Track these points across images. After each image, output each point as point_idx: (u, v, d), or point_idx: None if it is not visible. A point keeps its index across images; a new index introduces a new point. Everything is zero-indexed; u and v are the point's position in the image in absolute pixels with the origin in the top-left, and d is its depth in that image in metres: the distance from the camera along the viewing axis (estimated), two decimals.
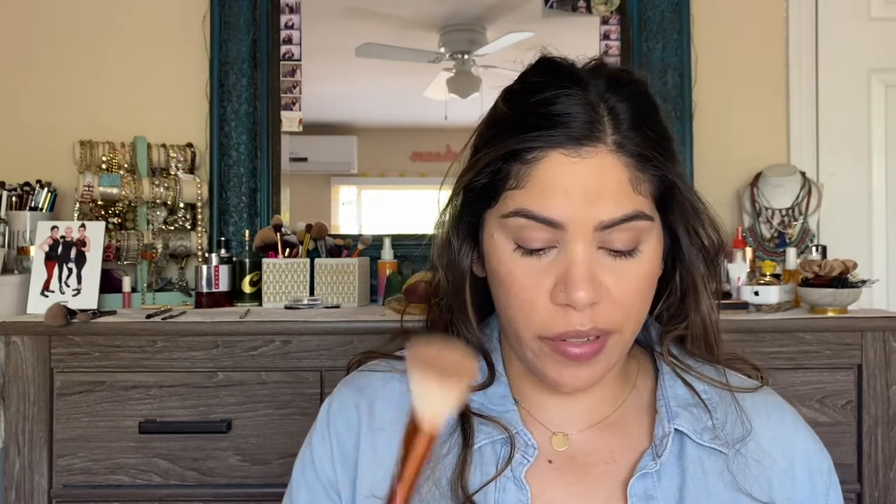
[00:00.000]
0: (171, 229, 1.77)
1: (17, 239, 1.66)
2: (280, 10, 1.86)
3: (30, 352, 1.33)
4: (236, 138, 1.82)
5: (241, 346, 1.34)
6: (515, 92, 0.68)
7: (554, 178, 0.62)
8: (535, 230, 0.63)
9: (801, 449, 0.72)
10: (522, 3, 1.89)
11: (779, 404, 0.75)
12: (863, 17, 1.92)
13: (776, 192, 1.79)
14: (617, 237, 0.63)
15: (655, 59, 1.85)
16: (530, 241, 0.64)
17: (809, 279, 1.42)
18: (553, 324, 0.63)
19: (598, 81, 0.65)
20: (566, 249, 0.63)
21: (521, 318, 0.65)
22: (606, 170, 0.62)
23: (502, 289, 0.66)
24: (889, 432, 1.34)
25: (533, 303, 0.64)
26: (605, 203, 0.62)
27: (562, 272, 0.62)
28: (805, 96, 1.90)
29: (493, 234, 0.67)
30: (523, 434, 0.69)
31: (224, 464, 1.33)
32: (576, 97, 0.64)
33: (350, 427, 0.72)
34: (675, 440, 0.69)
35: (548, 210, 0.62)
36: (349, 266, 1.62)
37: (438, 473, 0.67)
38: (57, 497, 1.33)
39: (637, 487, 0.67)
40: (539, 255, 0.64)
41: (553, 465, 0.69)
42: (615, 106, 0.64)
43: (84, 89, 1.85)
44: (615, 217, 0.62)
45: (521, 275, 0.64)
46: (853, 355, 1.34)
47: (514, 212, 0.64)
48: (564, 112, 0.63)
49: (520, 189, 0.64)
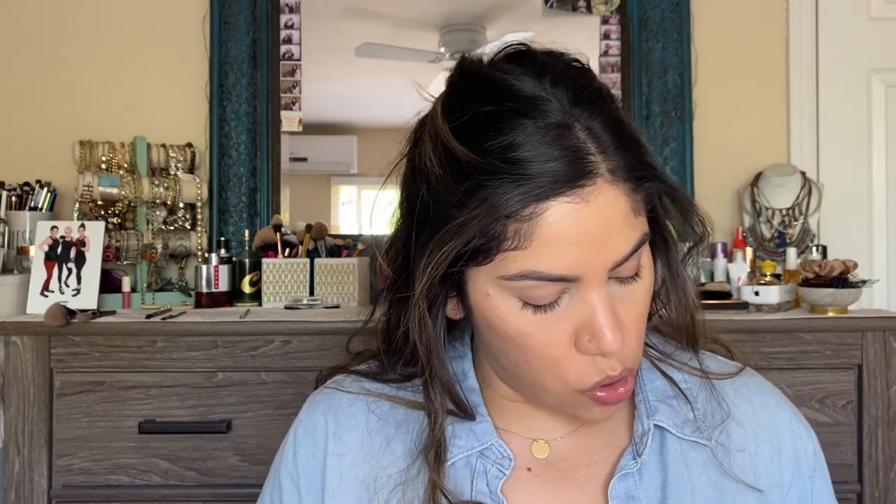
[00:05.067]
0: (170, 229, 1.77)
1: (17, 239, 1.66)
2: (280, 10, 1.86)
3: (29, 352, 1.33)
4: (236, 138, 1.82)
5: (240, 346, 1.33)
6: (469, 127, 0.58)
7: (561, 233, 0.56)
8: (544, 288, 0.58)
9: (787, 433, 0.71)
10: (522, 3, 1.89)
11: (761, 387, 0.74)
12: (863, 17, 1.91)
13: (776, 192, 1.78)
14: (624, 268, 0.60)
15: (655, 59, 1.85)
16: (541, 298, 0.58)
17: (810, 279, 1.42)
18: (586, 375, 0.60)
19: (557, 93, 0.58)
20: (583, 298, 0.58)
21: (548, 375, 0.61)
22: (610, 207, 0.57)
23: (512, 346, 0.61)
24: (889, 432, 1.34)
25: (558, 359, 0.60)
26: (616, 243, 0.58)
27: (583, 320, 0.59)
28: (805, 96, 1.90)
29: (487, 292, 0.60)
30: (498, 446, 0.67)
31: (224, 464, 1.33)
32: (552, 130, 0.56)
33: (316, 451, 0.70)
34: (656, 436, 0.68)
35: (560, 268, 0.57)
36: (349, 266, 1.62)
37: (409, 495, 0.65)
38: (57, 497, 1.33)
39: (618, 489, 0.65)
40: (548, 309, 0.59)
41: (532, 472, 0.68)
42: (591, 125, 0.58)
43: (84, 89, 1.85)
44: (626, 253, 0.58)
45: (535, 331, 0.59)
46: (853, 355, 1.34)
47: (519, 275, 0.57)
48: (550, 154, 0.56)
49: (523, 249, 0.56)
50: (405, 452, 0.68)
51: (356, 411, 0.71)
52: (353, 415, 0.71)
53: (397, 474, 0.67)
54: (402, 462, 0.68)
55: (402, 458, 0.68)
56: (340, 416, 0.71)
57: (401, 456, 0.68)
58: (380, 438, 0.70)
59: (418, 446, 0.67)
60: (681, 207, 0.65)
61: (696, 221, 0.66)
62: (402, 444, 0.69)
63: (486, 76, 0.61)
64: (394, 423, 0.70)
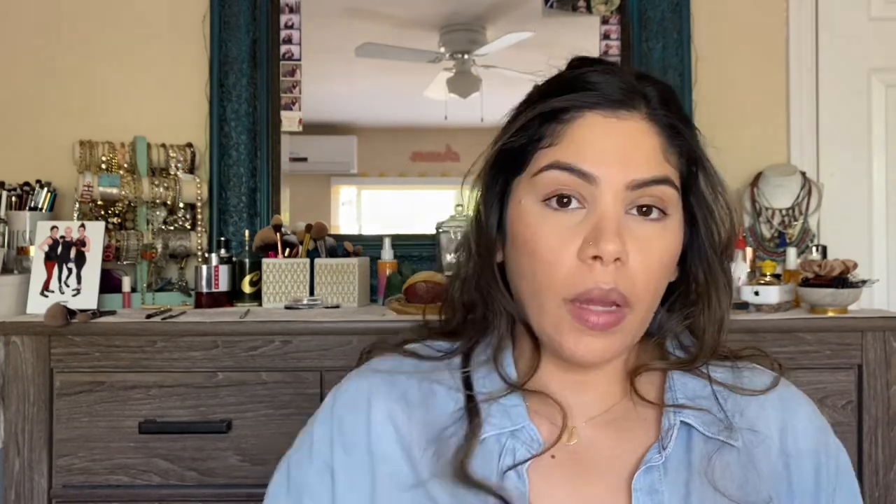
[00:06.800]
0: (170, 229, 1.77)
1: (17, 239, 1.66)
2: (280, 10, 1.86)
3: (29, 352, 1.33)
4: (236, 138, 1.82)
5: (240, 346, 1.33)
6: (551, 77, 0.72)
7: (590, 136, 0.65)
8: (567, 183, 0.64)
9: (811, 443, 0.71)
10: (522, 3, 1.89)
11: (794, 397, 0.74)
12: (863, 17, 1.92)
13: (776, 192, 1.78)
14: (643, 194, 0.64)
15: (655, 59, 1.85)
16: (560, 193, 0.65)
17: (809, 279, 1.42)
18: (577, 280, 0.63)
19: (630, 72, 0.70)
20: (596, 205, 0.64)
21: (545, 280, 0.65)
22: (640, 133, 0.66)
23: (526, 252, 0.66)
24: (889, 432, 1.34)
25: (558, 261, 0.64)
26: (638, 163, 0.65)
27: (591, 228, 0.63)
28: (805, 96, 1.90)
29: (520, 200, 0.68)
30: (529, 429, 0.68)
31: (224, 464, 1.33)
32: (612, 75, 0.68)
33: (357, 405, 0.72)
34: (682, 433, 0.68)
35: (582, 162, 0.64)
36: (349, 266, 1.62)
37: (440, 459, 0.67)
38: (57, 497, 1.33)
39: (642, 481, 0.65)
40: (568, 211, 0.65)
41: (556, 460, 0.68)
42: (646, 90, 0.68)
43: (84, 89, 1.85)
44: (646, 177, 0.64)
45: (547, 235, 0.65)
46: (853, 355, 1.34)
47: (546, 165, 0.65)
48: (602, 80, 0.67)
49: (554, 146, 0.66)
50: (443, 415, 0.70)
51: (392, 387, 0.72)
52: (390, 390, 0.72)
53: (432, 431, 0.69)
54: (439, 421, 0.70)
55: (440, 418, 0.70)
56: (383, 383, 0.73)
57: (438, 417, 0.70)
58: (419, 400, 0.71)
59: (455, 412, 0.70)
60: (711, 180, 0.71)
61: (723, 206, 0.71)
62: (440, 409, 0.71)
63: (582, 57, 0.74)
64: (431, 394, 0.72)
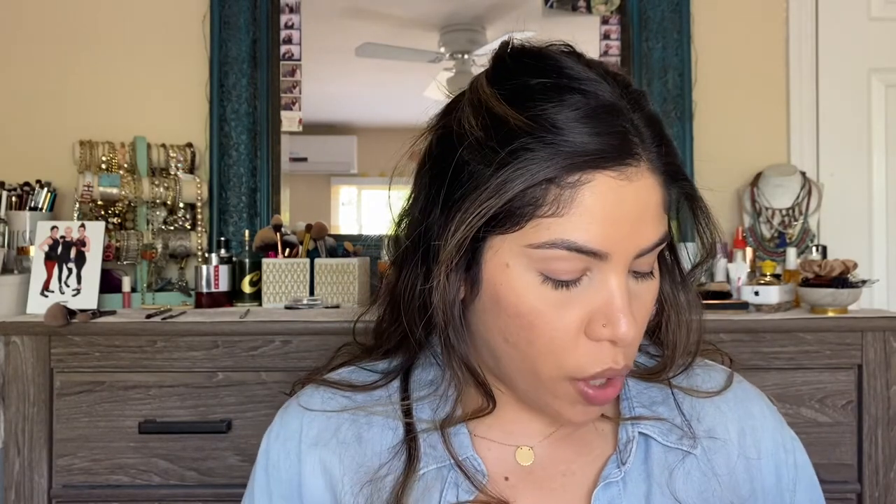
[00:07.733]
0: (170, 229, 1.77)
1: (17, 239, 1.66)
2: (280, 10, 1.86)
3: (29, 352, 1.33)
4: (236, 138, 1.83)
5: (240, 346, 1.33)
6: (518, 95, 0.58)
7: (601, 205, 0.56)
8: (571, 261, 0.56)
9: (769, 442, 0.70)
10: (522, 3, 1.89)
11: (747, 393, 0.73)
12: (863, 17, 1.92)
13: (776, 192, 1.79)
14: (644, 261, 0.59)
15: (655, 59, 1.85)
16: (563, 273, 0.57)
17: (809, 279, 1.42)
18: (588, 363, 0.58)
19: (606, 81, 0.59)
20: (604, 280, 0.57)
21: (549, 359, 0.59)
22: (648, 193, 0.58)
23: (518, 325, 0.59)
24: (889, 432, 1.34)
25: (564, 343, 0.58)
26: (647, 229, 0.58)
27: (600, 305, 0.57)
28: (805, 96, 1.90)
29: (507, 264, 0.58)
30: (473, 460, 0.65)
31: (224, 464, 1.33)
32: (602, 108, 0.57)
33: (289, 452, 0.71)
34: (641, 443, 0.66)
35: (593, 241, 0.56)
36: (349, 266, 1.62)
37: (374, 498, 0.64)
38: (57, 497, 1.33)
39: (601, 498, 0.64)
40: (569, 286, 0.57)
41: (509, 482, 0.65)
42: (633, 118, 0.58)
43: (84, 89, 1.85)
44: (653, 242, 0.58)
45: (549, 310, 0.57)
46: (853, 355, 1.34)
47: (549, 242, 0.56)
48: (600, 129, 0.56)
49: (558, 217, 0.56)
50: (377, 453, 0.67)
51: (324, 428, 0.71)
52: (320, 433, 0.70)
53: (365, 473, 0.66)
54: (373, 462, 0.67)
55: (374, 457, 0.67)
56: (314, 422, 0.71)
57: (372, 456, 0.67)
58: (352, 437, 0.69)
59: (391, 452, 0.66)
60: (702, 217, 0.65)
61: (707, 235, 0.66)
62: (374, 446, 0.68)
63: (537, 53, 0.61)
64: (367, 426, 0.69)
